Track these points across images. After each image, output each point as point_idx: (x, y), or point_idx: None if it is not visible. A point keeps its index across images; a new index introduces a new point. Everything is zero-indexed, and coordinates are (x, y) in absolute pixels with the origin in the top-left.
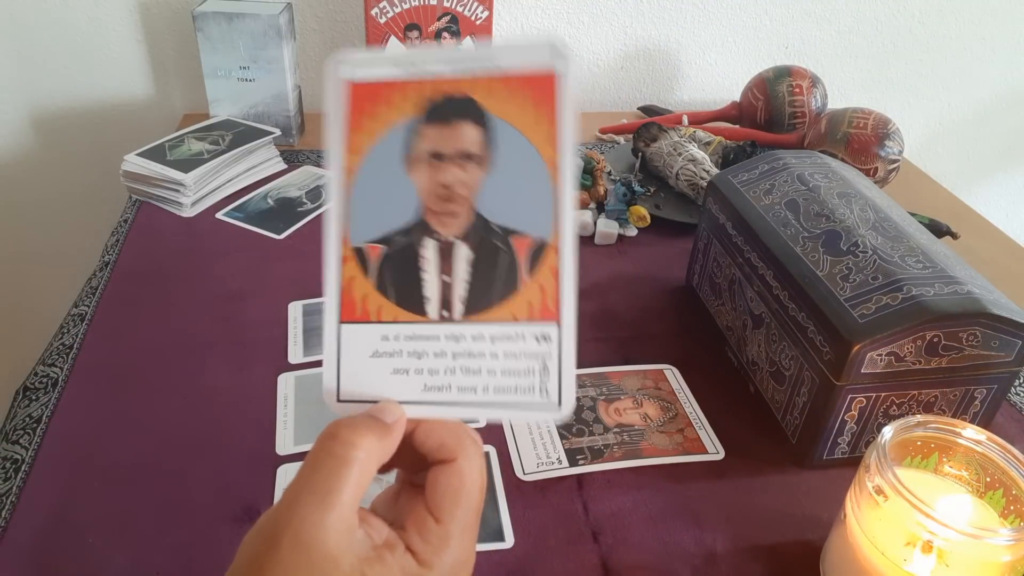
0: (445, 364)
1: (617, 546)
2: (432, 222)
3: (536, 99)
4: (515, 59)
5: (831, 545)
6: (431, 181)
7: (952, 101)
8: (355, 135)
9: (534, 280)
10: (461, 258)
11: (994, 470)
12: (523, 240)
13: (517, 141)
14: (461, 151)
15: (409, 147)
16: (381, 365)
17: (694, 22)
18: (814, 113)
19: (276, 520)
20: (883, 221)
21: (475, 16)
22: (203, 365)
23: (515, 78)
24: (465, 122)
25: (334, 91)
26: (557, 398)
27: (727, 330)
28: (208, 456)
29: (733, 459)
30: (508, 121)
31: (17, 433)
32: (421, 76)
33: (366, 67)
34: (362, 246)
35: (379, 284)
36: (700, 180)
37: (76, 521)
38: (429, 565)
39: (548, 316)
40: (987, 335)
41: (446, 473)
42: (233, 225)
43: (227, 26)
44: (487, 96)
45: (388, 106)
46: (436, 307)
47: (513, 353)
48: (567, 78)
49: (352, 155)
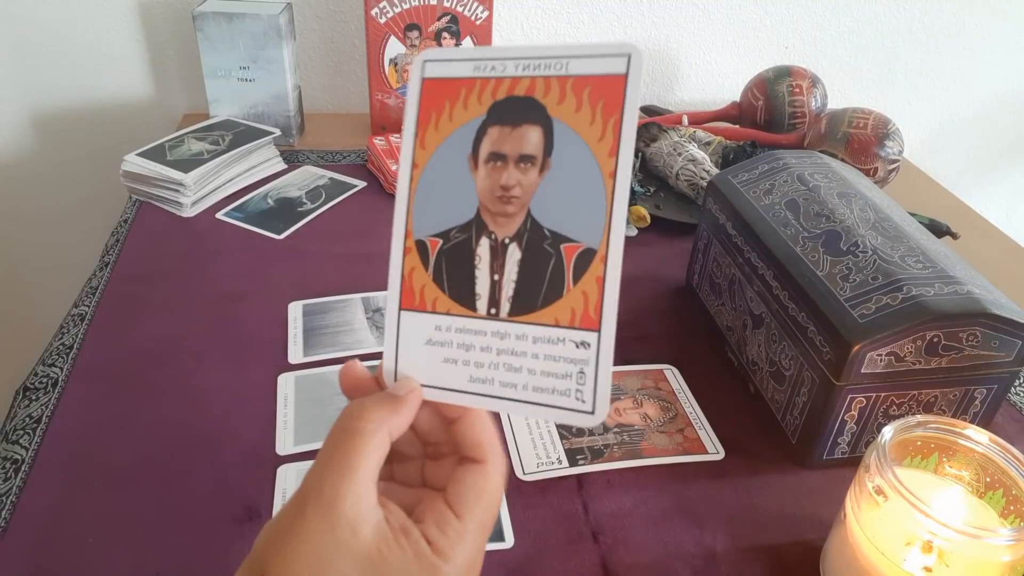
0: (490, 359)
1: (617, 546)
2: (488, 221)
3: (602, 104)
4: (586, 62)
5: (831, 545)
6: (490, 181)
7: (952, 101)
8: (426, 131)
9: (578, 287)
10: (512, 259)
11: (994, 470)
12: (572, 247)
13: (576, 146)
14: (521, 153)
15: (474, 146)
16: (433, 353)
17: (694, 22)
18: (814, 113)
19: (302, 492)
20: (883, 221)
21: (475, 16)
22: (203, 365)
23: (584, 81)
24: (528, 124)
25: (412, 89)
26: (592, 404)
27: (727, 330)
28: (208, 456)
29: (733, 459)
30: (570, 125)
31: (17, 433)
32: (493, 75)
33: (442, 65)
34: (424, 239)
35: (436, 276)
36: (700, 180)
37: (76, 521)
38: (444, 556)
39: (589, 324)
40: (987, 335)
41: (474, 473)
42: (233, 225)
43: (227, 26)
44: (552, 99)
45: (458, 104)
46: (485, 304)
47: (553, 356)
48: (636, 83)
49: (422, 150)
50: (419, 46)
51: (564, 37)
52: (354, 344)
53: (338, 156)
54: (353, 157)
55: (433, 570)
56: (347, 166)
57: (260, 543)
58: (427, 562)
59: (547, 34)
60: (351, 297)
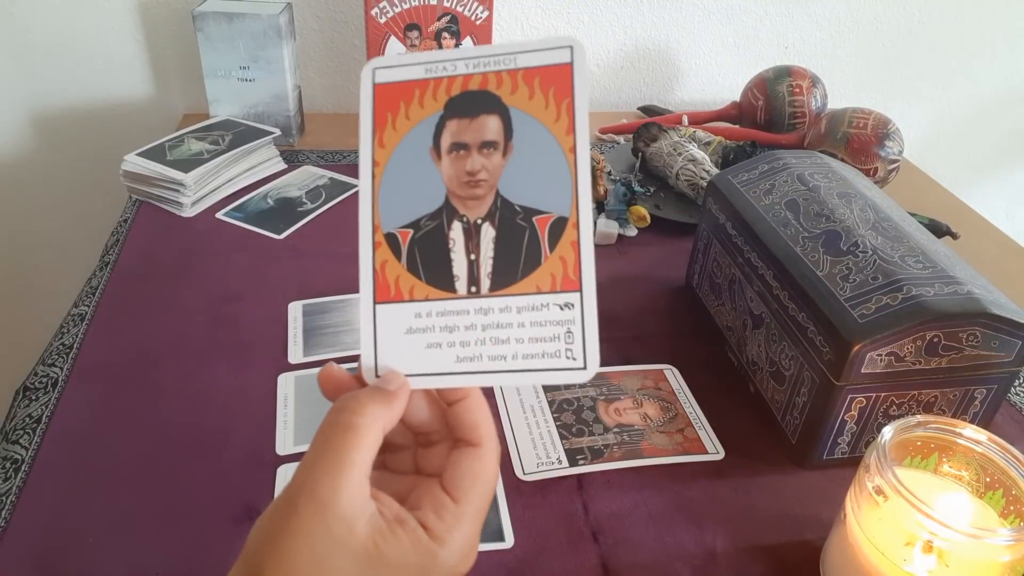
0: (475, 336)
1: (617, 546)
2: (458, 206)
3: (552, 90)
4: (533, 56)
5: (831, 545)
6: (456, 169)
7: (952, 101)
8: (384, 131)
9: (555, 254)
10: (486, 238)
11: (994, 470)
12: (544, 218)
13: (535, 129)
14: (483, 140)
15: (434, 139)
16: (415, 341)
17: (694, 22)
18: (814, 113)
19: (292, 489)
20: (883, 221)
21: (475, 16)
22: (203, 365)
23: (533, 72)
24: (486, 114)
25: (364, 93)
26: (583, 360)
27: (727, 330)
28: (208, 456)
29: (733, 459)
30: (526, 112)
31: (17, 433)
32: (445, 75)
33: (393, 71)
34: (393, 231)
35: (410, 265)
36: (700, 180)
37: (76, 521)
38: (441, 541)
39: (570, 286)
40: (987, 335)
41: (469, 457)
42: (233, 225)
43: (227, 26)
44: (506, 90)
45: (414, 104)
46: (465, 284)
47: (539, 322)
48: (582, 69)
49: (381, 149)
50: (419, 46)
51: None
52: (354, 344)
53: (338, 156)
54: (353, 157)
55: (430, 556)
56: (347, 166)
57: (253, 542)
58: (424, 549)
59: (547, 34)
60: (351, 297)
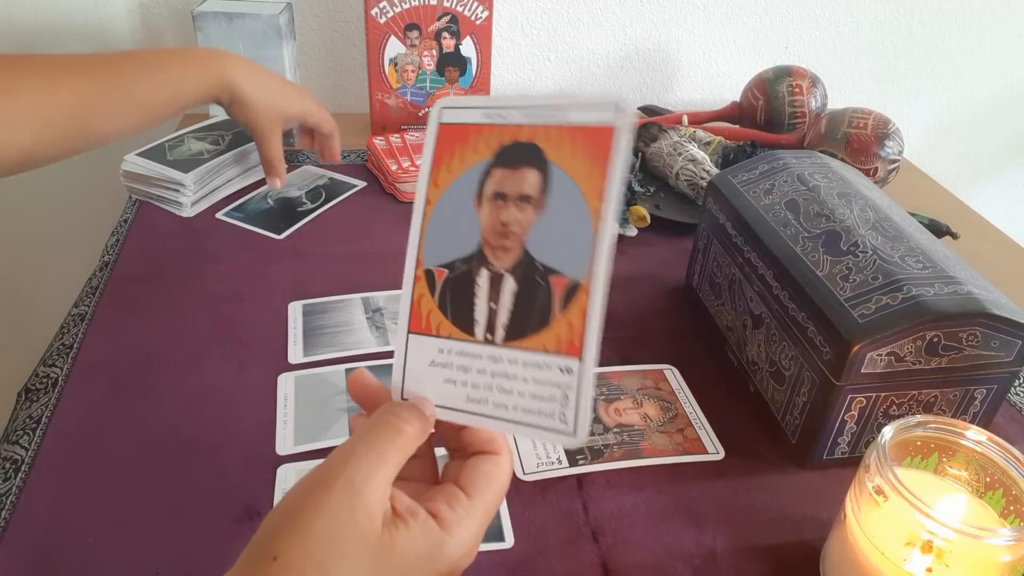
0: (484, 380)
1: (617, 546)
2: (488, 254)
3: (592, 151)
4: (581, 113)
5: (831, 545)
6: (492, 218)
7: (952, 101)
8: (438, 172)
9: (564, 316)
10: (507, 289)
11: (994, 470)
12: (560, 279)
13: (569, 188)
14: (521, 193)
15: (479, 186)
16: (436, 373)
17: (694, 22)
18: (814, 113)
19: (326, 472)
20: (883, 221)
21: (475, 16)
22: (203, 365)
23: (579, 130)
24: (528, 167)
25: (430, 131)
26: (574, 426)
27: (727, 330)
28: (208, 456)
29: (733, 459)
30: (565, 169)
31: (17, 433)
32: (500, 122)
33: (457, 112)
34: (432, 268)
35: (441, 303)
36: (700, 180)
37: (76, 521)
38: (451, 530)
39: (572, 351)
40: (987, 335)
41: (487, 462)
42: (233, 225)
43: (227, 26)
44: (552, 145)
45: (469, 148)
46: (483, 329)
47: (540, 380)
48: (623, 132)
49: (435, 188)
50: (419, 46)
51: (564, 37)
52: (354, 344)
53: None
54: (353, 157)
55: (438, 545)
56: (347, 166)
57: (268, 526)
58: (433, 537)
59: (547, 34)
60: (351, 297)
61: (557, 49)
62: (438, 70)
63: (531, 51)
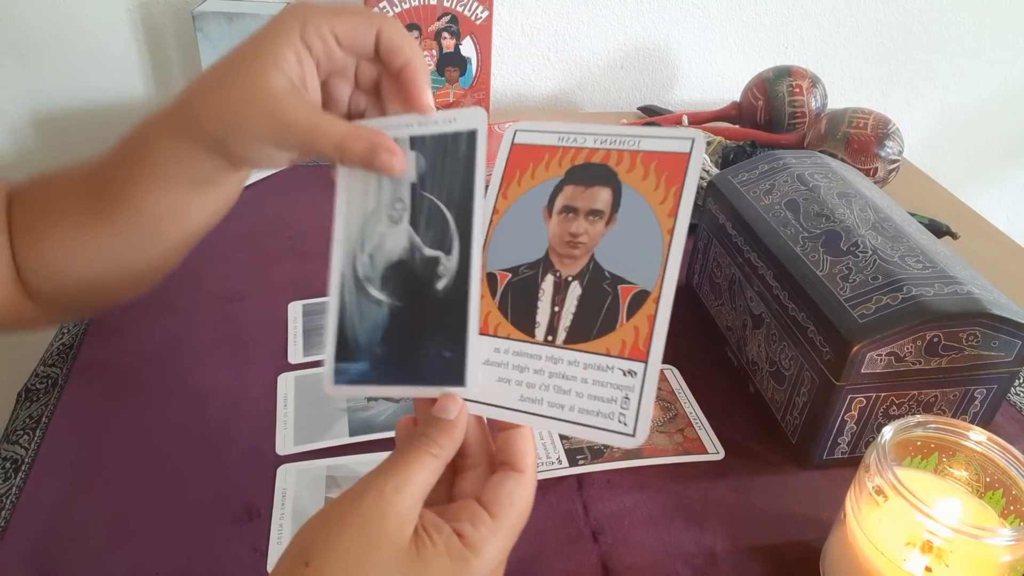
0: (541, 380)
1: (617, 546)
2: (555, 261)
3: (666, 175)
4: (656, 141)
5: (831, 545)
6: (561, 228)
7: (952, 101)
8: (509, 185)
9: (631, 322)
10: (572, 294)
11: (994, 470)
12: (628, 288)
13: (641, 206)
14: (592, 208)
15: (550, 200)
16: (489, 372)
17: (694, 22)
18: (814, 113)
19: (361, 482)
20: (883, 221)
21: (475, 16)
22: (203, 365)
23: (652, 156)
24: (600, 185)
25: (503, 149)
26: (634, 428)
27: (727, 330)
28: (208, 456)
29: (733, 459)
30: (636, 189)
31: (17, 433)
32: (573, 145)
33: (531, 134)
34: (494, 272)
35: (501, 305)
36: (700, 180)
37: (76, 521)
38: (476, 551)
39: (638, 355)
40: (987, 335)
41: (511, 480)
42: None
43: (227, 26)
44: (623, 167)
45: (540, 166)
46: (544, 331)
47: (601, 382)
48: (697, 161)
49: (503, 200)
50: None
51: (564, 37)
52: None
53: None
54: None
55: (464, 563)
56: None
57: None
58: (458, 556)
59: (547, 34)
60: None
61: (557, 49)
62: (438, 70)
63: (531, 51)
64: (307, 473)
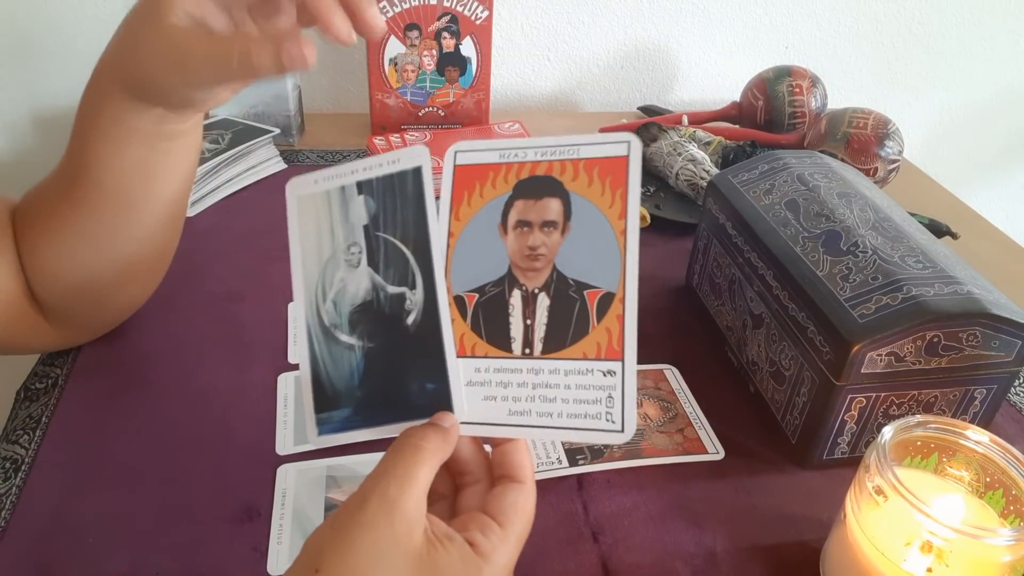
0: (526, 393)
1: (617, 546)
2: (519, 276)
3: (609, 179)
4: (594, 148)
5: (831, 545)
6: (519, 243)
7: (952, 101)
8: (460, 206)
9: (602, 325)
10: (541, 306)
11: (994, 470)
12: (594, 292)
13: (591, 212)
14: (545, 220)
15: (502, 217)
16: (474, 392)
17: (694, 22)
18: (814, 113)
19: (362, 491)
20: (883, 221)
21: (475, 16)
22: (203, 365)
23: (593, 162)
24: (549, 197)
25: (446, 173)
26: (621, 423)
27: (727, 330)
28: (208, 456)
29: (733, 459)
30: (584, 196)
31: (17, 433)
32: (516, 160)
33: (471, 154)
34: (461, 294)
35: (474, 325)
36: (700, 180)
37: (76, 521)
38: (487, 557)
39: (613, 355)
40: (987, 335)
41: (514, 491)
42: (233, 225)
43: None
44: (568, 177)
45: (487, 184)
46: (520, 345)
47: (583, 385)
48: (636, 162)
49: (456, 222)
50: (419, 46)
51: (564, 37)
52: None
53: (338, 156)
54: (353, 157)
55: (476, 570)
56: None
57: (312, 543)
58: (471, 563)
59: (547, 34)
60: None
61: (557, 49)
62: (438, 70)
63: (531, 51)
64: (307, 473)
